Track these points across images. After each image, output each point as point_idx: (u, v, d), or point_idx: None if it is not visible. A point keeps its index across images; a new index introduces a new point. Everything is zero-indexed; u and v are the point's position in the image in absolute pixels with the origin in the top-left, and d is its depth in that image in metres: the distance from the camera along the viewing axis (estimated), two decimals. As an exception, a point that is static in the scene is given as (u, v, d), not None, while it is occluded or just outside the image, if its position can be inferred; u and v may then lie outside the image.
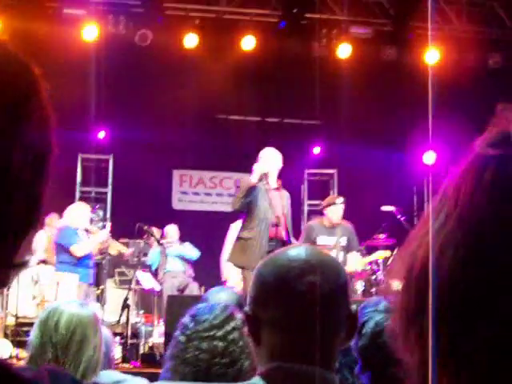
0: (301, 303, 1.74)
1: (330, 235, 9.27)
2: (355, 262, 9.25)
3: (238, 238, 8.11)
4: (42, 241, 11.14)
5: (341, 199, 9.37)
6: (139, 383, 3.52)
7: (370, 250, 9.86)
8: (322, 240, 9.21)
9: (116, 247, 10.73)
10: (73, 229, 10.00)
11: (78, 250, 9.79)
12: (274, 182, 8.12)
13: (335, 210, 9.27)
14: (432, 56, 12.39)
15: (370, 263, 9.57)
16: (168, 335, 7.35)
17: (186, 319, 2.70)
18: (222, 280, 10.29)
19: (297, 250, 1.84)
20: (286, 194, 8.26)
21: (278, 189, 8.12)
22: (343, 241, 9.28)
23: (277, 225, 7.76)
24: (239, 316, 2.63)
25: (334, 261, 1.89)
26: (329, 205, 9.38)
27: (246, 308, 1.85)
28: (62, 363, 3.07)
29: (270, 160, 8.12)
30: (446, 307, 0.78)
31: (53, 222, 11.50)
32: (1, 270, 0.89)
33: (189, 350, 2.59)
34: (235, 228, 9.81)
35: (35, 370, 0.96)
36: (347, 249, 9.32)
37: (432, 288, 0.78)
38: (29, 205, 0.92)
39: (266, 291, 1.79)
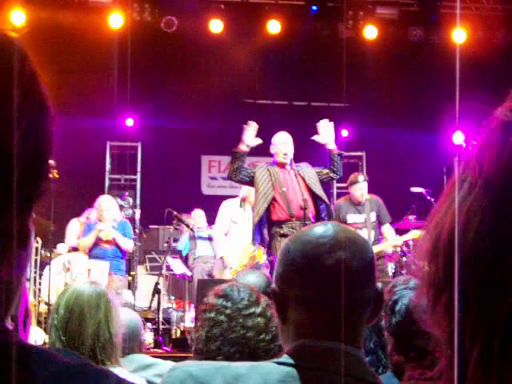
0: (329, 280, 1.74)
1: (359, 212, 9.20)
2: (392, 235, 9.12)
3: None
4: (74, 228, 11.21)
5: (362, 177, 9.30)
6: (168, 366, 3.52)
7: (401, 233, 9.78)
8: (352, 218, 9.14)
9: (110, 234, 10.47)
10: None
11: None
12: (288, 164, 8.07)
13: (357, 188, 9.22)
14: (459, 35, 12.29)
15: (401, 245, 9.48)
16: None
17: (216, 300, 2.68)
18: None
19: (324, 227, 1.83)
20: (304, 169, 8.15)
21: (292, 169, 8.05)
22: (373, 216, 9.19)
23: (304, 208, 7.72)
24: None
25: (361, 237, 1.89)
26: (351, 183, 9.34)
27: (273, 285, 1.85)
28: (67, 344, 3.06)
29: (287, 145, 8.10)
30: (474, 274, 0.78)
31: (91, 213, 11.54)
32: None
33: (234, 329, 2.58)
34: (224, 207, 9.89)
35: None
36: (378, 223, 9.23)
37: (458, 256, 0.78)
38: (30, 181, 0.93)
39: (293, 268, 1.78)
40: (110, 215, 9.87)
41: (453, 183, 0.87)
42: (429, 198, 9.57)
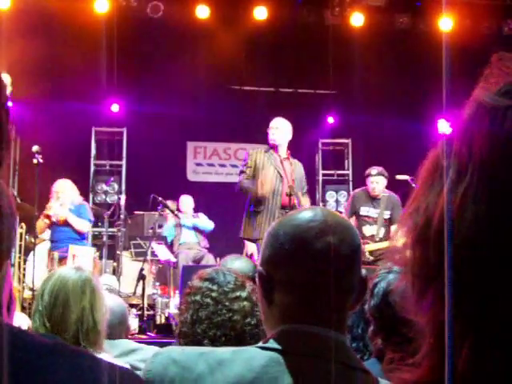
0: (318, 263, 1.74)
1: (374, 207, 9.13)
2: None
3: (249, 212, 8.10)
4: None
5: (375, 170, 9.17)
6: (152, 352, 3.53)
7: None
8: (365, 211, 9.07)
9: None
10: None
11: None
12: (284, 152, 8.09)
13: (369, 181, 9.15)
14: (446, 23, 12.29)
15: None
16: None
17: (201, 283, 2.68)
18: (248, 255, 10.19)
19: (313, 211, 1.84)
20: (297, 163, 8.22)
21: (287, 159, 8.09)
22: (386, 214, 9.12)
23: (290, 194, 7.73)
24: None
25: (348, 223, 1.90)
26: (366, 176, 9.27)
27: (260, 268, 1.85)
28: (51, 330, 3.05)
29: (276, 130, 8.10)
30: (470, 265, 0.77)
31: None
32: None
33: (220, 312, 2.58)
34: None
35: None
36: (390, 222, 9.13)
37: (448, 246, 0.77)
38: None
39: (282, 251, 1.79)
40: (64, 198, 9.78)
41: (429, 169, 0.86)
42: (414, 185, 9.55)
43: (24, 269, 10.42)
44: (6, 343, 0.86)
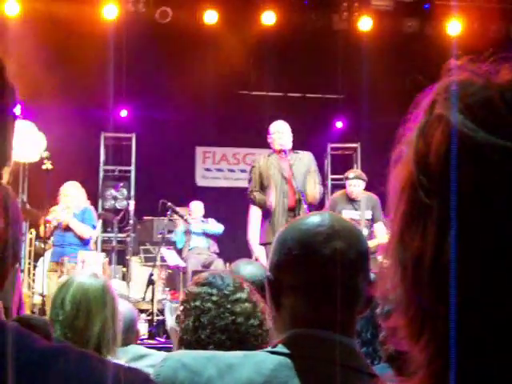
0: (326, 268, 1.75)
1: (354, 209, 9.20)
2: (382, 233, 9.07)
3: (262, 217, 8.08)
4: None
5: (352, 174, 9.29)
6: (162, 357, 3.53)
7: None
8: (346, 214, 9.12)
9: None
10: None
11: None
12: (285, 153, 8.03)
13: (348, 184, 9.24)
14: (454, 27, 12.29)
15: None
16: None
17: (199, 289, 2.65)
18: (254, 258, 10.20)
19: (321, 216, 1.85)
20: (302, 157, 8.13)
21: (287, 160, 7.99)
22: (368, 214, 9.21)
23: (299, 199, 7.72)
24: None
25: (356, 227, 1.90)
26: (346, 178, 9.37)
27: (268, 273, 1.86)
28: (73, 341, 3.03)
29: (282, 134, 8.05)
30: (469, 322, 0.74)
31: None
32: None
33: (223, 315, 2.56)
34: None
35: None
36: (373, 221, 9.22)
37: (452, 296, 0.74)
38: None
39: (290, 256, 1.79)
40: (70, 201, 9.72)
41: (408, 199, 0.82)
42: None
43: (34, 274, 10.45)
44: (11, 343, 0.87)
